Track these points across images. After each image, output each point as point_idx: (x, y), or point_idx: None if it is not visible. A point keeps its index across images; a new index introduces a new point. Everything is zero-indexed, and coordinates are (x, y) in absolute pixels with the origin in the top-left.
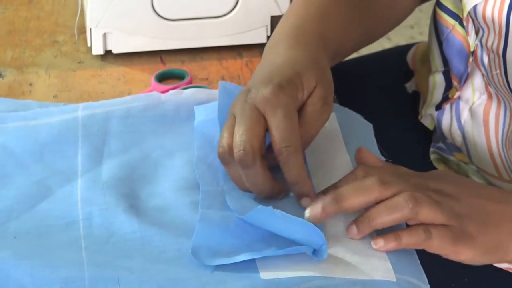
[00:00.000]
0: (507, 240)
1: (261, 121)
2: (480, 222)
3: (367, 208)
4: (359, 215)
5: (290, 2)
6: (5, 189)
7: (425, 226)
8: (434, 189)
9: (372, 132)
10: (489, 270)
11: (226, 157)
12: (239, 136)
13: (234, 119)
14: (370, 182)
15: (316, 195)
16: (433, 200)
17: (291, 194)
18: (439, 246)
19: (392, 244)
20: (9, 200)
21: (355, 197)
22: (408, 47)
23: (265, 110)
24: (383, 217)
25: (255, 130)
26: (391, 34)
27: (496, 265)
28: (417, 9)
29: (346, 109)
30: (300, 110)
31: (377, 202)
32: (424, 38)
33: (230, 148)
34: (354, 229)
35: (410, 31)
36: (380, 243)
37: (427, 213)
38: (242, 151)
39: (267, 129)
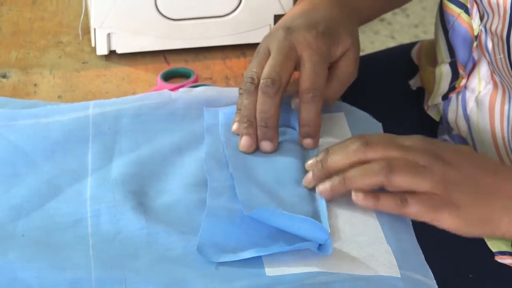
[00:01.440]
0: (499, 215)
1: (294, 61)
2: (470, 193)
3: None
4: (336, 174)
5: (293, 1)
6: (15, 188)
7: (403, 193)
8: (433, 153)
9: (382, 131)
10: (494, 266)
11: (250, 86)
12: (272, 67)
13: (268, 53)
14: (354, 145)
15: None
16: (415, 167)
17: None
18: (416, 214)
19: (369, 202)
20: (19, 198)
21: (340, 159)
22: (412, 45)
23: (303, 53)
24: (358, 180)
25: (287, 67)
26: (395, 33)
27: (500, 260)
28: (421, 7)
29: (355, 109)
30: (331, 66)
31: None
32: (428, 36)
33: (258, 78)
34: (327, 185)
35: (415, 30)
36: (359, 196)
37: (402, 181)
38: (270, 80)
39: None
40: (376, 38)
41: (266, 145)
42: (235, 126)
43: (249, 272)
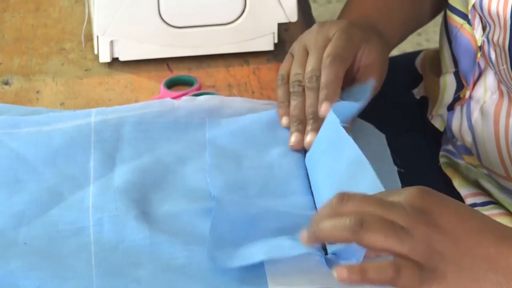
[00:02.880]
0: (487, 286)
1: None
2: (457, 263)
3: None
4: (311, 227)
5: (297, 9)
6: (17, 195)
7: (396, 263)
8: (421, 211)
9: (385, 142)
10: None
11: (298, 88)
12: (313, 65)
13: (306, 52)
14: (333, 200)
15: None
16: (390, 226)
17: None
18: (407, 285)
19: (355, 277)
20: (21, 205)
21: (330, 233)
22: (415, 53)
23: (334, 35)
24: (326, 232)
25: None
26: None
27: None
28: None
29: (358, 119)
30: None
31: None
32: (431, 45)
33: (303, 78)
34: (304, 234)
35: (417, 38)
36: (343, 273)
37: (374, 241)
38: (314, 77)
39: None
40: None
41: (313, 136)
42: (284, 121)
43: (252, 287)
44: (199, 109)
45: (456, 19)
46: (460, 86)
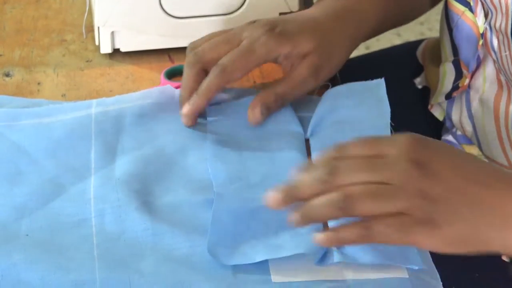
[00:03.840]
0: (488, 237)
1: (233, 45)
2: (451, 211)
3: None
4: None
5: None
6: (18, 187)
7: (365, 221)
8: (414, 161)
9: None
10: (500, 265)
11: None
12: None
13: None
14: (320, 172)
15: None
16: (379, 193)
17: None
18: (384, 239)
19: (330, 241)
20: (22, 197)
21: (320, 212)
22: (417, 43)
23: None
24: (315, 211)
25: (220, 47)
26: (400, 30)
27: (507, 259)
28: None
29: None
30: (292, 66)
31: None
32: (434, 34)
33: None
34: (296, 215)
35: (420, 27)
36: (319, 239)
37: (363, 209)
38: (193, 53)
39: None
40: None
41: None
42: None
43: (255, 278)
44: None
45: (457, 6)
46: (459, 75)
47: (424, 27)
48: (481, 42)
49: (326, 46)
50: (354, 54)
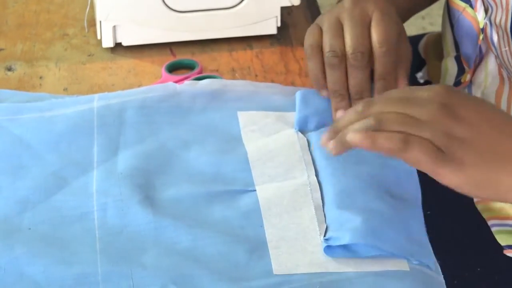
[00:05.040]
0: (509, 179)
1: (369, 27)
2: (477, 152)
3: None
4: (338, 135)
5: None
6: (21, 180)
7: (406, 136)
8: (445, 106)
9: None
10: (502, 260)
11: (333, 60)
12: (356, 39)
13: (340, 24)
14: (359, 106)
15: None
16: (409, 119)
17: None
18: (417, 160)
19: (366, 142)
20: (24, 191)
21: (346, 121)
22: (419, 37)
23: (374, 14)
24: (348, 134)
25: (367, 36)
26: None
27: (509, 254)
28: None
29: None
30: None
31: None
32: (435, 28)
33: (341, 51)
34: (331, 143)
35: (421, 21)
36: (355, 138)
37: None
38: (360, 54)
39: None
40: None
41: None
42: (325, 93)
43: (257, 270)
44: (202, 93)
45: (458, 3)
46: (461, 71)
47: (425, 21)
48: (481, 37)
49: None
50: None
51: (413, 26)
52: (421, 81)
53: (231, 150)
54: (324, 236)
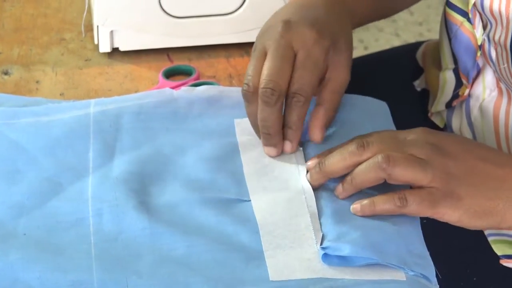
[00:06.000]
0: (503, 206)
1: (292, 62)
2: (471, 184)
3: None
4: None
5: None
6: (16, 185)
7: (400, 192)
8: (434, 145)
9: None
10: (499, 269)
11: (246, 94)
12: (270, 74)
13: (264, 54)
14: (351, 147)
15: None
16: (413, 160)
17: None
18: (417, 211)
19: (367, 210)
20: (20, 196)
21: (336, 162)
22: (417, 45)
23: (298, 53)
24: (361, 177)
25: (285, 72)
26: (399, 30)
27: (505, 264)
28: (425, 6)
29: (356, 95)
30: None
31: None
32: (432, 35)
33: (254, 84)
34: (340, 187)
35: (419, 28)
36: (357, 208)
37: (403, 174)
38: (269, 90)
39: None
40: (380, 35)
41: (270, 150)
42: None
43: (253, 276)
44: (199, 99)
45: (456, 17)
46: (459, 83)
47: (423, 28)
48: (479, 53)
49: (350, 40)
50: (353, 55)
51: (410, 32)
52: (418, 89)
53: (227, 157)
54: (321, 244)
